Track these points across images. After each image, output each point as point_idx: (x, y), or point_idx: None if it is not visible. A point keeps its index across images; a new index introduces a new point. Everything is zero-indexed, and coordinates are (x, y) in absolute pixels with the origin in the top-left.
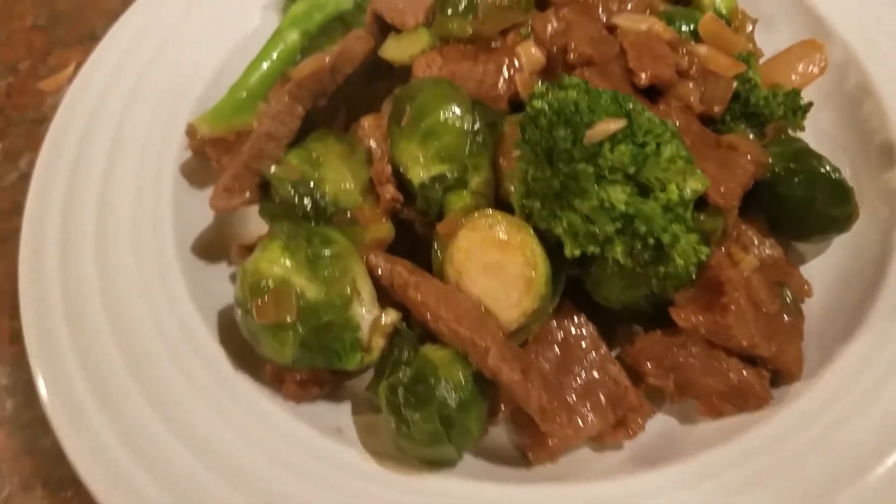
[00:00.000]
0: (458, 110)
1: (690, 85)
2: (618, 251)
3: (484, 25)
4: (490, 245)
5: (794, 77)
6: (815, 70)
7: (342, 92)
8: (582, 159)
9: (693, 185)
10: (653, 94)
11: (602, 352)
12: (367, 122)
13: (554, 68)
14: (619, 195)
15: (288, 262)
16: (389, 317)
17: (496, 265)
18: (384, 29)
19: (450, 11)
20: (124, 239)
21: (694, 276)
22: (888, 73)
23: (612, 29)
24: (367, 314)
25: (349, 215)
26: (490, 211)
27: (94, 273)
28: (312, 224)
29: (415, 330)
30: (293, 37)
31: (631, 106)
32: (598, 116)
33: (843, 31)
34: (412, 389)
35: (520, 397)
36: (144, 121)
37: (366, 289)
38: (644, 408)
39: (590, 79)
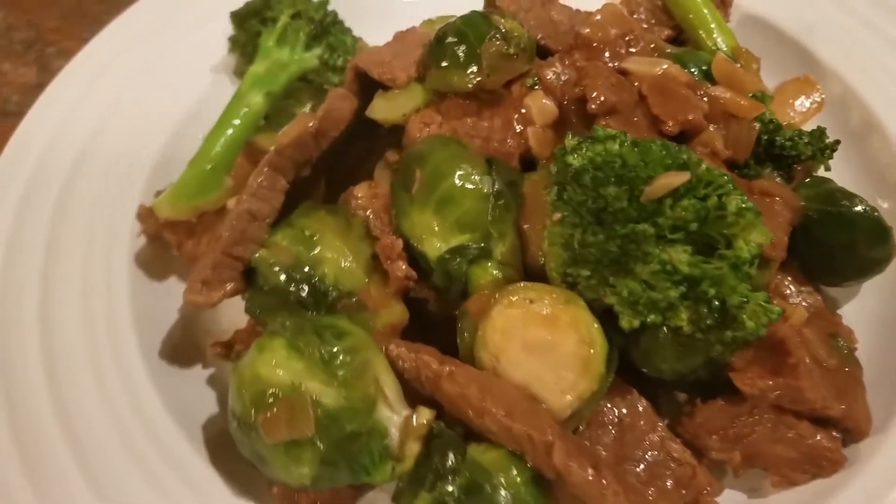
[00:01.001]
0: (475, 172)
1: (712, 128)
2: (682, 318)
3: (490, 78)
4: (534, 322)
5: (791, 114)
6: (812, 106)
7: (322, 159)
8: (641, 219)
9: (758, 239)
10: (678, 141)
11: (660, 430)
12: (361, 192)
13: (567, 120)
14: (681, 256)
15: (297, 364)
16: (422, 416)
17: (544, 345)
18: (367, 87)
19: (445, 64)
20: (77, 346)
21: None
22: (891, 105)
23: (623, 74)
24: (396, 416)
25: (355, 299)
26: (527, 283)
27: (44, 397)
28: (313, 313)
29: (455, 429)
30: (256, 99)
31: (686, 157)
32: (654, 170)
33: (837, 67)
34: (467, 503)
35: (593, 498)
36: (88, 202)
37: (390, 386)
38: (714, 486)
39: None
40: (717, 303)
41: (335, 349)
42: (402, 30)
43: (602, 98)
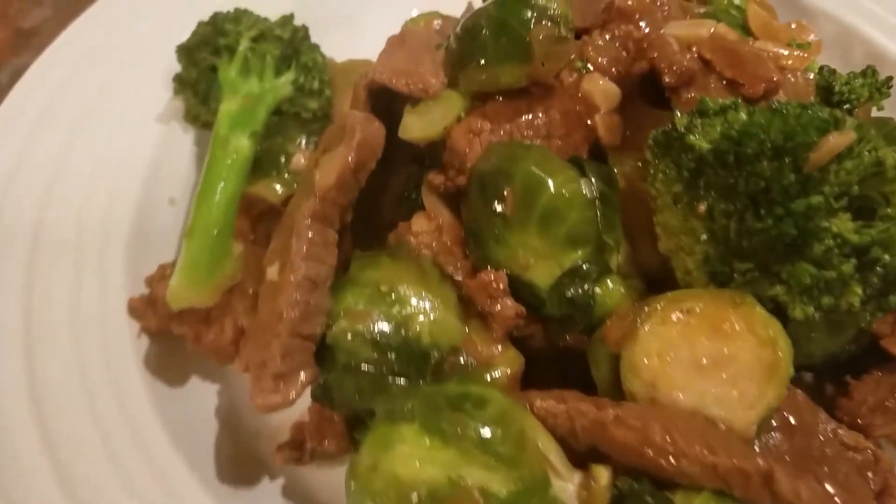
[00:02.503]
0: (572, 175)
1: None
2: (857, 293)
3: (545, 67)
4: (699, 335)
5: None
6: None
7: None
8: (808, 192)
9: None
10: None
11: (824, 419)
12: (419, 226)
13: (628, 100)
14: (847, 225)
15: (445, 453)
16: (601, 478)
17: (716, 358)
18: (382, 105)
19: (484, 60)
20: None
21: None
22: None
23: None
24: (570, 484)
25: (463, 356)
26: (676, 293)
27: None
28: (421, 384)
29: (642, 484)
30: (241, 143)
31: (837, 114)
32: (812, 134)
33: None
34: None
35: None
36: (65, 306)
37: (553, 450)
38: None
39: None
40: (882, 269)
41: (484, 423)
42: (394, 35)
43: (678, 68)
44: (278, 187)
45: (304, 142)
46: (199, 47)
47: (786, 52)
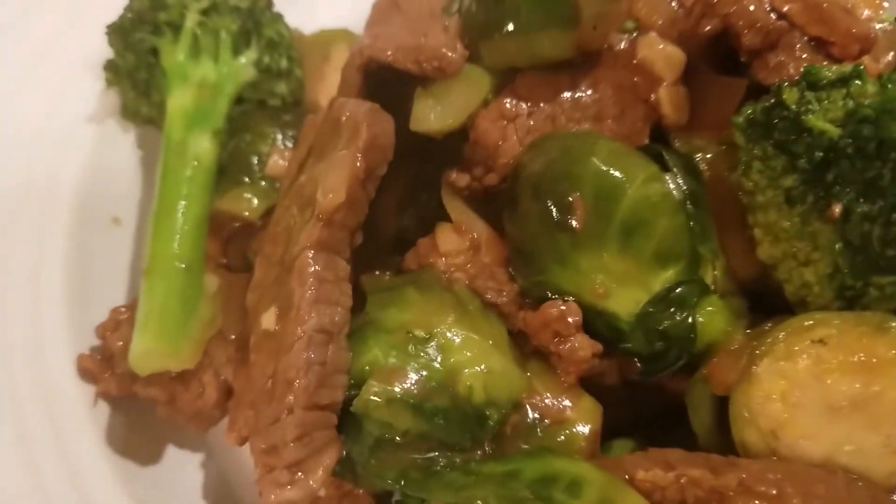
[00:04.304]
0: (654, 172)
1: None
2: None
3: (597, 31)
4: (834, 371)
5: None
6: None
7: None
8: None
9: None
10: None
11: None
12: (448, 244)
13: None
14: None
15: None
16: None
17: (856, 398)
18: (379, 89)
19: (515, 26)
20: None
21: None
22: None
23: None
24: None
25: (528, 413)
26: (800, 317)
27: None
28: (485, 454)
29: None
30: (202, 146)
31: None
32: None
33: None
34: None
35: None
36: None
37: None
38: None
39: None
40: None
41: None
42: None
43: (763, 26)
44: (253, 199)
45: (277, 138)
46: (134, 26)
47: (859, 0)
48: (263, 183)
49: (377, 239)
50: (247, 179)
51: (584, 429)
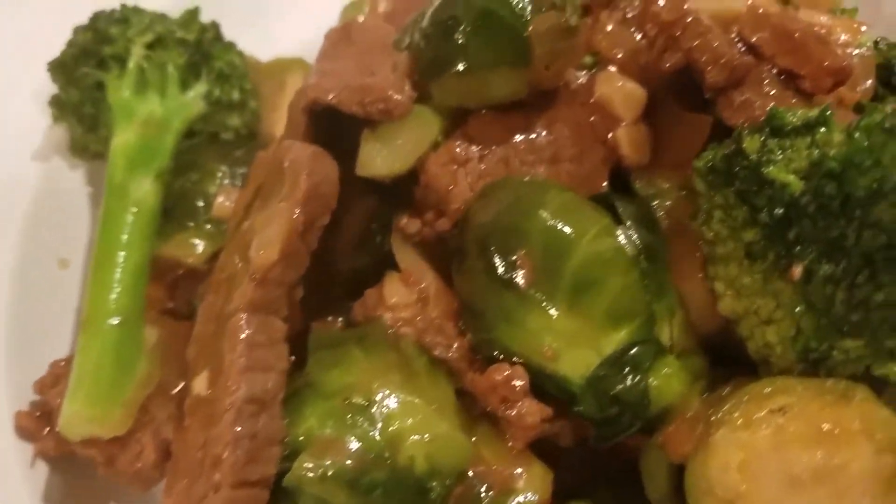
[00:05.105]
0: (606, 224)
1: None
2: None
3: (550, 70)
4: (796, 442)
5: None
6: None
7: None
8: None
9: None
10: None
11: None
12: (394, 296)
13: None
14: None
15: None
16: None
17: (819, 471)
18: (327, 129)
19: (466, 65)
20: None
21: None
22: None
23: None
24: None
25: (474, 483)
26: (759, 382)
27: None
28: None
29: None
30: (144, 188)
31: None
32: None
33: None
34: None
35: None
36: None
37: None
38: None
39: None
40: None
41: None
42: (334, 28)
43: (727, 63)
44: (199, 244)
45: (226, 176)
46: (77, 60)
47: (836, 24)
48: (209, 226)
49: (330, 282)
50: (191, 224)
51: (532, 498)
